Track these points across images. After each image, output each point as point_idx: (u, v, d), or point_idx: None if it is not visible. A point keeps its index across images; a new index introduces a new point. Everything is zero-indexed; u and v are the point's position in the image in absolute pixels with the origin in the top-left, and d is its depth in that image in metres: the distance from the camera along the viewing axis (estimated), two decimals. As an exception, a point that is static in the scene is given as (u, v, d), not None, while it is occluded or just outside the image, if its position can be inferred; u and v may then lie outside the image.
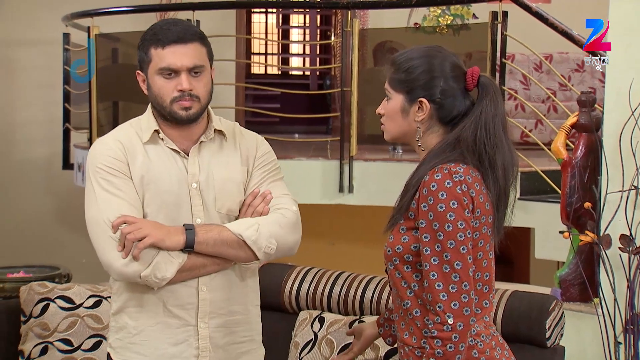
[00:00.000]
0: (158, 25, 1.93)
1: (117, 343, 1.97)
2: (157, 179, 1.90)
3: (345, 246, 5.91)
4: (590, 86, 6.04)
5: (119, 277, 1.87)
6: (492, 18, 4.12)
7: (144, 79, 1.94)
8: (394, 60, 1.79)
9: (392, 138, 1.82)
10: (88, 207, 1.89)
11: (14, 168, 6.46)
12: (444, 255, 1.65)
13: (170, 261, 1.84)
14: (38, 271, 3.37)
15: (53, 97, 6.05)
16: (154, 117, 1.95)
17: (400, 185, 1.81)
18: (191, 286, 1.91)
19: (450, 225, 1.65)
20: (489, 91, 1.74)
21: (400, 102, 1.77)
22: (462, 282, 1.65)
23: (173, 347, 1.91)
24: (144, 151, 1.92)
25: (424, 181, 1.68)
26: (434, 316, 1.67)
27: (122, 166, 1.89)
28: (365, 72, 4.59)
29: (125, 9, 5.29)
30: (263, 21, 10.04)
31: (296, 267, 2.72)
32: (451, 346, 1.65)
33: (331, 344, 2.47)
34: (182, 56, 1.87)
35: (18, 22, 6.36)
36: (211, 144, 1.97)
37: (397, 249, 1.73)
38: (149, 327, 1.92)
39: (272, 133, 5.63)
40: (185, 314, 1.91)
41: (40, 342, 2.79)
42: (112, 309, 1.99)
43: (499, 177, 1.73)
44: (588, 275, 3.20)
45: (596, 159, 3.20)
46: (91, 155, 1.93)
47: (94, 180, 1.88)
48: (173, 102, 1.88)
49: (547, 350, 2.30)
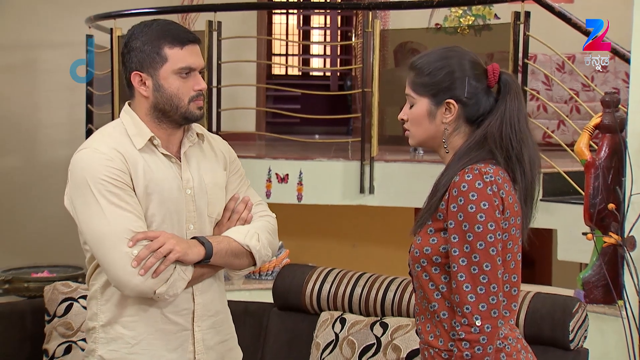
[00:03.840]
0: (159, 24, 1.88)
1: (111, 355, 1.91)
2: (161, 188, 1.87)
3: (366, 247, 5.90)
4: (613, 86, 5.98)
5: (132, 293, 1.82)
6: (515, 18, 4.09)
7: (145, 79, 1.87)
8: (414, 65, 1.77)
9: (419, 143, 1.80)
10: (91, 221, 1.81)
11: (37, 169, 6.53)
12: (473, 256, 1.64)
13: (183, 278, 1.85)
14: (62, 271, 3.39)
15: (76, 98, 6.10)
16: (143, 122, 1.89)
17: (420, 185, 1.81)
18: (187, 292, 1.91)
19: (481, 227, 1.64)
20: (511, 87, 1.75)
21: (426, 106, 1.75)
22: (490, 283, 1.64)
23: (171, 353, 1.91)
24: (141, 159, 1.86)
25: (454, 182, 1.67)
26: (461, 318, 1.65)
27: (126, 177, 1.83)
28: (386, 72, 4.59)
29: (147, 10, 5.31)
30: (284, 22, 10.06)
31: (317, 268, 2.72)
32: (479, 348, 1.64)
33: (352, 344, 2.47)
34: (198, 56, 1.89)
35: (41, 24, 6.42)
36: (194, 148, 1.96)
37: (425, 250, 1.72)
38: (148, 336, 1.90)
39: (292, 134, 5.66)
40: (181, 320, 1.92)
41: (64, 342, 2.82)
42: (100, 320, 1.92)
43: (526, 171, 1.73)
44: (612, 277, 3.17)
45: (620, 160, 3.17)
46: (87, 165, 1.84)
47: (96, 193, 1.80)
48: (190, 102, 1.88)
49: (571, 352, 2.29)
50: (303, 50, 10.02)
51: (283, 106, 7.32)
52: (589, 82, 4.52)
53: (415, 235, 1.76)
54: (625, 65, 4.18)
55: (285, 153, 4.83)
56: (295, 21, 9.88)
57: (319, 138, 6.40)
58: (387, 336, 2.44)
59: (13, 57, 6.50)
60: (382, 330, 2.46)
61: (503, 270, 1.69)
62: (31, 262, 3.67)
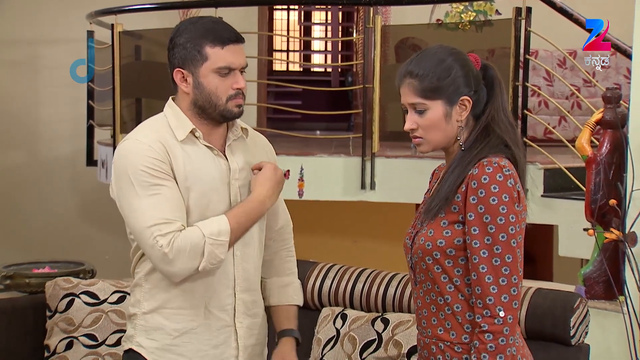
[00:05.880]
0: (204, 22, 1.91)
1: (150, 344, 1.92)
2: (202, 179, 1.89)
3: (367, 243, 5.90)
4: (615, 82, 5.97)
5: (177, 278, 1.85)
6: (516, 14, 4.08)
7: (186, 76, 1.91)
8: (414, 73, 1.73)
9: (435, 147, 1.77)
10: (131, 211, 1.84)
11: (39, 165, 6.53)
12: (495, 248, 1.65)
13: (219, 243, 1.84)
14: (63, 267, 3.40)
15: (77, 94, 6.10)
16: (185, 115, 1.93)
17: (422, 181, 1.81)
18: (229, 286, 1.93)
19: (503, 219, 1.65)
20: (496, 75, 1.78)
21: (441, 109, 1.73)
22: (512, 275, 1.66)
23: (214, 349, 1.93)
24: (182, 150, 1.89)
25: (473, 174, 1.68)
26: (483, 310, 1.66)
27: (166, 167, 1.85)
28: (387, 68, 4.57)
29: (148, 6, 5.30)
30: (285, 18, 10.05)
31: (319, 264, 2.72)
32: (503, 339, 1.65)
33: (353, 340, 2.47)
34: (239, 56, 1.91)
35: (42, 20, 6.42)
36: (238, 142, 2.00)
37: (438, 243, 1.71)
38: (191, 330, 1.91)
39: (293, 130, 5.65)
40: (225, 315, 1.94)
41: (65, 337, 2.83)
42: (143, 308, 1.94)
43: (524, 155, 1.77)
44: (613, 273, 3.17)
45: (621, 156, 3.17)
46: (128, 155, 1.87)
47: (136, 184, 1.83)
48: (229, 100, 1.90)
49: (572, 348, 2.29)
50: (304, 46, 10.02)
51: (284, 102, 7.32)
52: (590, 78, 4.52)
53: (423, 226, 1.76)
54: (626, 61, 4.16)
55: (286, 149, 4.82)
56: (296, 17, 9.86)
57: (320, 134, 6.39)
58: (388, 332, 2.44)
59: (15, 53, 6.50)
60: (383, 326, 2.46)
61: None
62: (32, 257, 3.68)
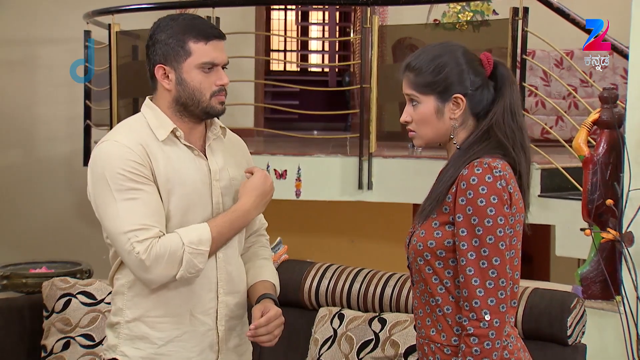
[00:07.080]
0: (185, 18, 1.89)
1: (135, 353, 1.88)
2: (183, 180, 1.86)
3: (364, 243, 5.91)
4: (612, 82, 5.97)
5: (154, 285, 1.82)
6: (513, 14, 4.09)
7: (168, 72, 1.87)
8: (412, 65, 1.74)
9: (427, 142, 1.76)
10: (107, 215, 1.80)
11: (36, 165, 6.52)
12: (482, 250, 1.63)
13: (199, 252, 1.80)
14: (60, 267, 3.39)
15: (74, 94, 6.09)
16: (165, 115, 1.89)
17: (419, 181, 1.81)
18: (211, 290, 1.90)
19: (490, 221, 1.63)
20: (508, 76, 1.76)
21: (432, 104, 1.73)
22: (499, 278, 1.63)
23: (199, 355, 1.90)
24: (163, 151, 1.85)
25: (463, 175, 1.66)
26: (469, 312, 1.64)
27: (145, 170, 1.81)
28: (384, 68, 4.58)
29: (145, 6, 5.29)
30: (282, 18, 10.05)
31: (316, 264, 2.72)
32: (488, 343, 1.63)
33: (351, 340, 2.47)
34: (222, 52, 1.90)
35: (40, 19, 6.41)
36: (217, 141, 1.96)
37: (429, 244, 1.70)
38: (176, 338, 1.88)
39: (290, 130, 5.65)
40: (208, 319, 1.91)
41: (62, 337, 2.82)
42: (126, 316, 1.90)
43: (527, 158, 1.74)
44: (610, 273, 3.17)
45: (618, 156, 3.17)
46: (105, 158, 1.82)
47: (113, 187, 1.78)
48: (212, 97, 1.88)
49: (569, 348, 2.29)
50: (301, 46, 10.02)
51: (281, 102, 7.31)
52: (587, 78, 4.52)
53: (417, 227, 1.75)
54: (623, 61, 4.17)
55: (283, 149, 4.82)
56: (293, 17, 9.86)
57: (318, 134, 6.40)
58: (385, 332, 2.44)
59: (12, 52, 6.48)
60: (381, 325, 2.46)
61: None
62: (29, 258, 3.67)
